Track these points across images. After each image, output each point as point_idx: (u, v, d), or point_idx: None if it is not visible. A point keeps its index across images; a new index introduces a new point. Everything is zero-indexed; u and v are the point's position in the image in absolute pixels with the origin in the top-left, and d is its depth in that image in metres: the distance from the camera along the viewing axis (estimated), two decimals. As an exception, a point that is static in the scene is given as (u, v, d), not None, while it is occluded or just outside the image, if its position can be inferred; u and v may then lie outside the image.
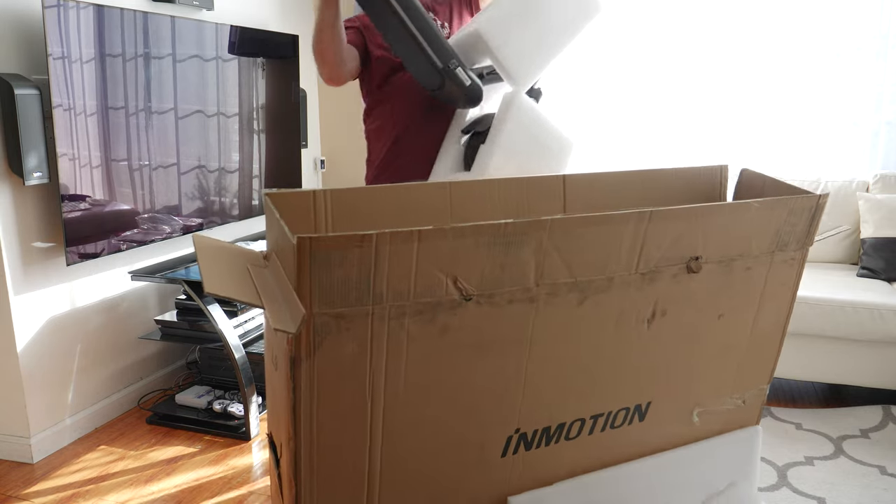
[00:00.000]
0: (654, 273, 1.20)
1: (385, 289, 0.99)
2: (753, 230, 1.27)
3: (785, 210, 1.28)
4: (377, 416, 1.07)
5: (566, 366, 1.20)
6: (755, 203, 1.25)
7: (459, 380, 1.11)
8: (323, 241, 0.93)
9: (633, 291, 1.20)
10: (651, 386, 1.31)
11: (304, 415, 1.02)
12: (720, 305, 1.31)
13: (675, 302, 1.25)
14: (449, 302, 1.05)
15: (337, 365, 1.01)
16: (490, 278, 1.06)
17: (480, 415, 1.15)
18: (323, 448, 1.06)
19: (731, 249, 1.26)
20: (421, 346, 1.06)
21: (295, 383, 1.00)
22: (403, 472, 1.13)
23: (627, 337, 1.23)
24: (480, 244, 1.03)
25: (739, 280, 1.30)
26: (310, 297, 0.95)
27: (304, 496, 1.08)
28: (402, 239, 0.97)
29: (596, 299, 1.17)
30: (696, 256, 1.22)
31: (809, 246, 1.37)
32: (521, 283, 1.09)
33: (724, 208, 1.23)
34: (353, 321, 0.99)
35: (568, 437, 1.26)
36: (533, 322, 1.13)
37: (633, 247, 1.16)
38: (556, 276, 1.11)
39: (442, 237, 0.99)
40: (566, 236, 1.09)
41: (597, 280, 1.15)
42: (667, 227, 1.17)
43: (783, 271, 1.35)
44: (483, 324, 1.09)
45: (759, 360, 1.44)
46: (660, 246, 1.18)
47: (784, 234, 1.31)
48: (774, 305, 1.38)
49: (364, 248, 0.95)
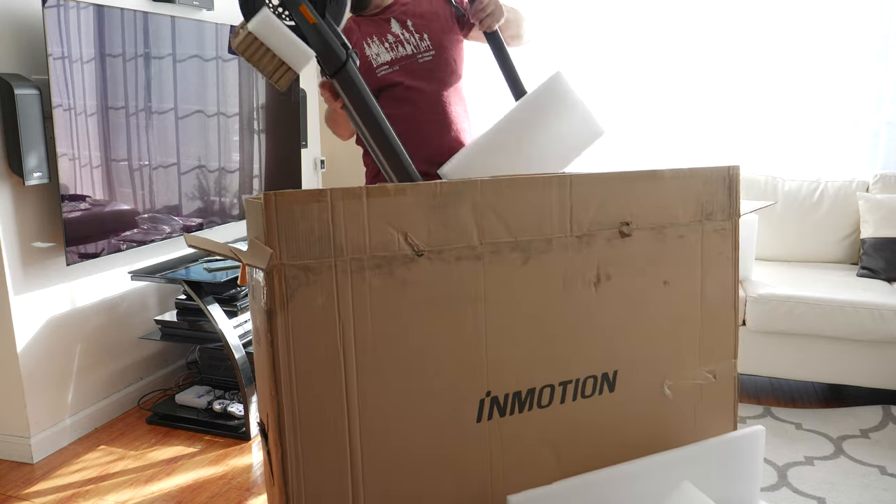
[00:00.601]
0: (589, 237, 1.33)
1: (344, 242, 1.12)
2: (676, 198, 1.40)
3: (700, 180, 1.42)
4: (350, 369, 1.16)
5: (522, 326, 1.30)
6: (668, 171, 1.39)
7: (424, 335, 1.21)
8: (287, 195, 1.08)
9: (573, 254, 1.31)
10: (613, 353, 1.40)
11: (283, 367, 1.11)
12: (662, 272, 1.42)
13: (616, 266, 1.37)
14: (403, 257, 1.17)
15: (309, 316, 1.12)
16: (436, 235, 1.18)
17: (448, 373, 1.24)
18: (304, 402, 1.13)
19: (660, 217, 1.39)
20: (384, 299, 1.17)
21: (273, 335, 1.10)
22: (383, 431, 1.21)
23: (577, 299, 1.34)
24: (421, 203, 1.17)
25: (675, 247, 1.43)
26: (279, 248, 1.08)
27: (290, 456, 1.14)
28: (352, 195, 1.11)
29: (538, 259, 1.28)
30: (626, 222, 1.35)
31: (737, 217, 1.48)
32: (466, 241, 1.21)
33: (640, 174, 1.36)
34: (320, 274, 1.11)
35: (541, 404, 1.34)
36: (483, 280, 1.24)
37: (563, 210, 1.29)
38: (496, 236, 1.24)
39: (386, 194, 1.14)
40: (497, 196, 1.22)
41: (536, 241, 1.27)
42: (590, 191, 1.31)
43: (717, 241, 1.47)
44: (436, 280, 1.20)
45: (718, 331, 1.52)
46: (587, 210, 1.31)
47: (706, 203, 1.44)
48: (717, 275, 1.49)
49: (322, 204, 1.10)
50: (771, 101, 3.29)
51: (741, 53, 3.28)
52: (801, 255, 3.12)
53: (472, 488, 1.29)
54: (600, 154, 3.53)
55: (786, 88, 3.26)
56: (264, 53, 1.63)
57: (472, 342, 1.25)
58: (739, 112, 3.33)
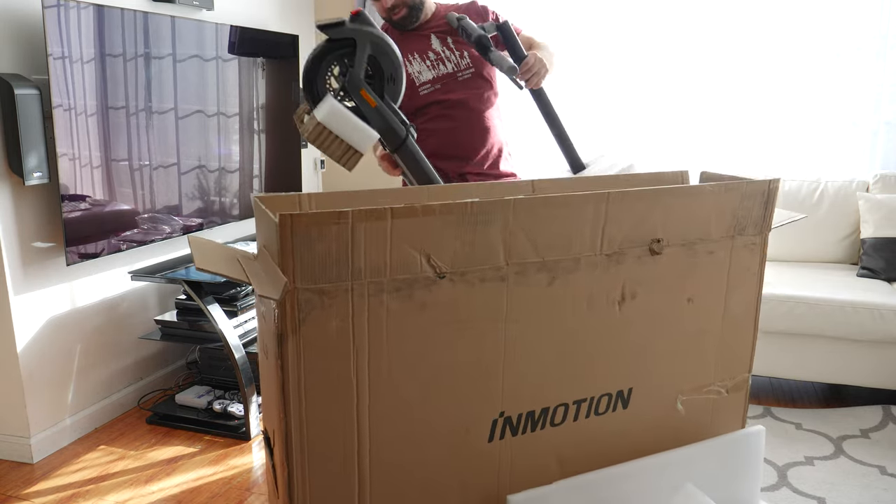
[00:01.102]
0: (619, 255, 1.27)
1: (363, 265, 1.06)
2: (711, 213, 1.34)
3: (738, 194, 1.36)
4: (363, 393, 1.11)
5: (543, 347, 1.25)
6: (708, 186, 1.33)
7: (440, 358, 1.16)
8: (303, 217, 1.00)
9: (600, 273, 1.26)
10: (630, 371, 1.36)
11: (293, 391, 1.07)
12: (687, 289, 1.37)
13: (643, 284, 1.31)
14: (424, 279, 1.11)
15: (322, 341, 1.07)
16: (461, 256, 1.13)
17: (464, 395, 1.20)
18: (312, 425, 1.09)
19: (692, 232, 1.33)
20: (401, 323, 1.12)
21: (283, 360, 1.05)
22: (392, 454, 1.17)
23: (600, 319, 1.29)
24: (449, 223, 1.10)
25: (703, 264, 1.37)
26: (293, 272, 1.02)
27: (296, 477, 1.10)
28: (376, 216, 1.04)
29: (565, 279, 1.23)
30: (658, 239, 1.30)
31: (768, 232, 1.43)
32: (492, 262, 1.16)
33: (680, 190, 1.30)
34: (336, 297, 1.06)
35: (553, 422, 1.30)
36: (507, 301, 1.19)
37: (595, 228, 1.23)
38: (524, 256, 1.18)
39: (413, 214, 1.07)
40: (530, 216, 1.16)
41: (564, 261, 1.22)
42: (626, 209, 1.25)
43: (746, 256, 1.42)
44: (458, 301, 1.15)
45: (736, 348, 1.48)
46: (621, 227, 1.25)
47: (741, 217, 1.38)
48: (742, 291, 1.44)
49: (341, 225, 1.03)
50: (771, 101, 3.29)
51: (741, 53, 3.28)
52: (801, 254, 3.12)
53: (477, 503, 1.26)
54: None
55: (786, 88, 3.26)
56: (333, 140, 1.65)
57: (491, 364, 1.21)
58: (739, 112, 3.33)
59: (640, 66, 3.42)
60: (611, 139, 3.51)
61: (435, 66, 2.07)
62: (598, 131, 3.51)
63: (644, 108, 3.46)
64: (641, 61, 3.42)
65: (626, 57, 3.43)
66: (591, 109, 3.51)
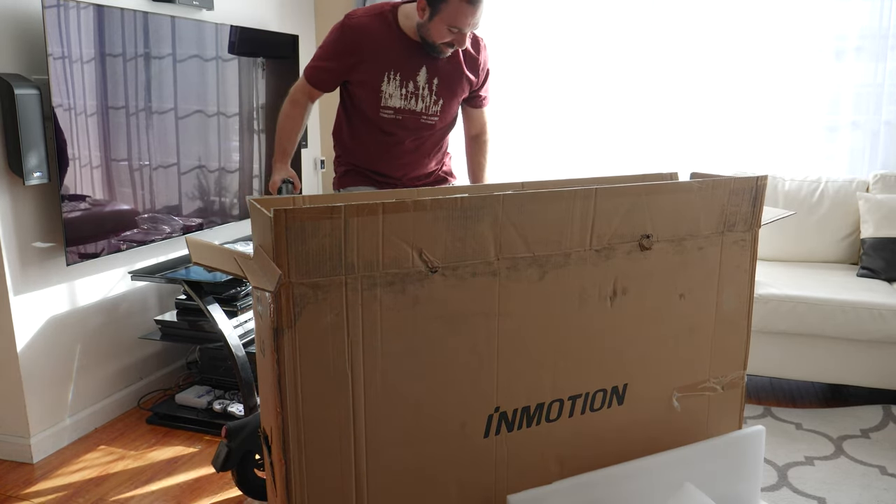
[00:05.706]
0: (608, 250, 1.29)
1: (356, 259, 1.08)
2: (699, 209, 1.35)
3: (726, 190, 1.37)
4: (358, 387, 1.13)
5: (536, 341, 1.26)
6: (696, 182, 1.34)
7: (434, 352, 1.17)
8: (297, 212, 1.02)
9: (591, 268, 1.28)
10: (625, 367, 1.37)
11: (289, 385, 1.08)
12: (679, 285, 1.38)
13: (634, 279, 1.33)
14: (416, 273, 1.13)
15: (317, 334, 1.08)
16: (453, 251, 1.15)
17: (458, 389, 1.21)
18: (309, 419, 1.10)
19: (681, 229, 1.35)
20: (394, 317, 1.13)
21: (279, 354, 1.06)
22: (389, 448, 1.17)
23: (593, 314, 1.30)
24: (440, 217, 1.12)
25: (694, 260, 1.38)
26: (287, 266, 1.04)
27: (294, 473, 1.11)
28: (368, 211, 1.06)
29: (555, 274, 1.25)
30: (647, 234, 1.31)
31: (758, 228, 1.44)
32: (483, 257, 1.17)
33: (667, 187, 1.32)
34: (329, 291, 1.07)
35: (549, 418, 1.31)
36: (498, 295, 1.20)
37: (584, 223, 1.25)
38: (514, 251, 1.20)
39: (404, 209, 1.09)
40: (519, 211, 1.18)
41: (554, 255, 1.23)
42: (613, 204, 1.26)
43: (736, 253, 1.43)
44: (450, 296, 1.16)
45: (729, 345, 1.49)
46: (609, 223, 1.27)
47: (730, 214, 1.39)
48: (734, 288, 1.45)
49: (334, 220, 1.04)
50: (771, 101, 3.28)
51: (741, 53, 3.28)
52: (801, 255, 3.12)
53: (476, 501, 1.27)
54: (600, 155, 3.53)
55: (786, 89, 3.26)
56: None
57: (484, 358, 1.22)
58: (739, 112, 3.33)
59: (640, 66, 3.42)
60: (610, 140, 3.51)
61: (406, 99, 2.09)
62: (598, 134, 3.51)
63: (644, 110, 3.45)
64: (641, 62, 3.42)
65: (627, 58, 3.43)
66: (591, 113, 3.51)
